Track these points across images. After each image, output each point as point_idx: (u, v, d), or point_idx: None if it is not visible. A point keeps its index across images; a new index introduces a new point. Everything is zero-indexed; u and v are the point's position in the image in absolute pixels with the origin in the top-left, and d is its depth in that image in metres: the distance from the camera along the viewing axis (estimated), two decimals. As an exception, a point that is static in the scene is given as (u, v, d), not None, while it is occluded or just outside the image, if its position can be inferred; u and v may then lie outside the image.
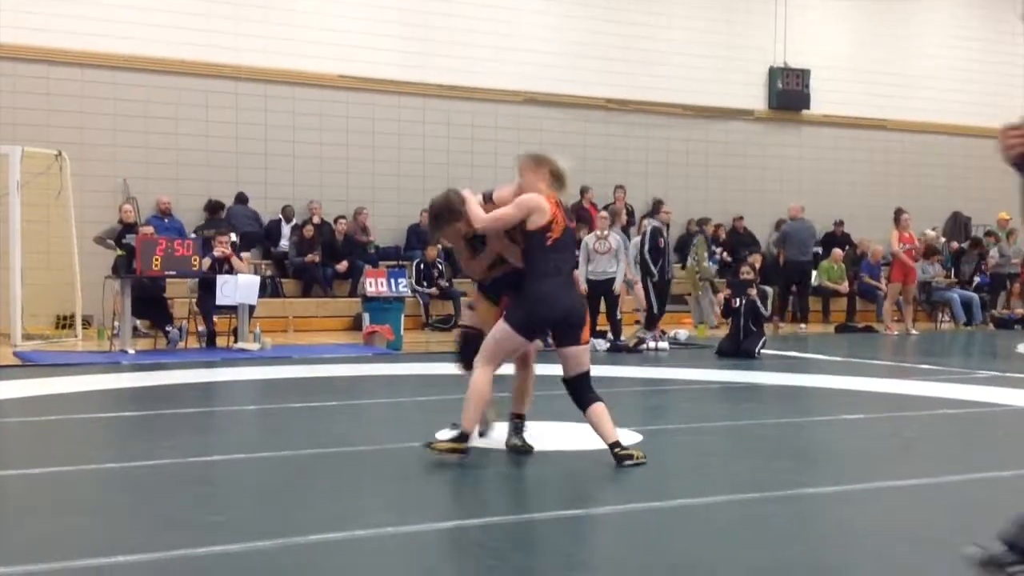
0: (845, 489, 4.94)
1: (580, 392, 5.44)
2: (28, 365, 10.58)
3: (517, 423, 5.78)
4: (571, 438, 6.07)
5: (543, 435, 5.98)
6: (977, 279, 18.91)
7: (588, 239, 12.72)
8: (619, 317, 12.89)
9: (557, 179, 5.47)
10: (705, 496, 4.75)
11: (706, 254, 16.19)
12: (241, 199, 15.99)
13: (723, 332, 12.99)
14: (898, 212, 16.65)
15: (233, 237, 13.99)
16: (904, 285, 16.30)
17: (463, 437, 5.34)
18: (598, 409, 5.40)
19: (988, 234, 19.95)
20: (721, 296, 13.42)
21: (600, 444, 5.49)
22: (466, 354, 5.74)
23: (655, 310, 13.04)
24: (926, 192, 20.67)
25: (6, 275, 12.76)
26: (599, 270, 12.51)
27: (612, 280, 12.55)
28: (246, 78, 16.06)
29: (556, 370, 5.57)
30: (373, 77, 16.86)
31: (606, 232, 12.68)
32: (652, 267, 12.95)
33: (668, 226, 13.79)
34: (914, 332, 16.15)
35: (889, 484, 5.06)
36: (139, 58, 15.43)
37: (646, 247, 12.98)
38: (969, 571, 3.35)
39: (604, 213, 13.49)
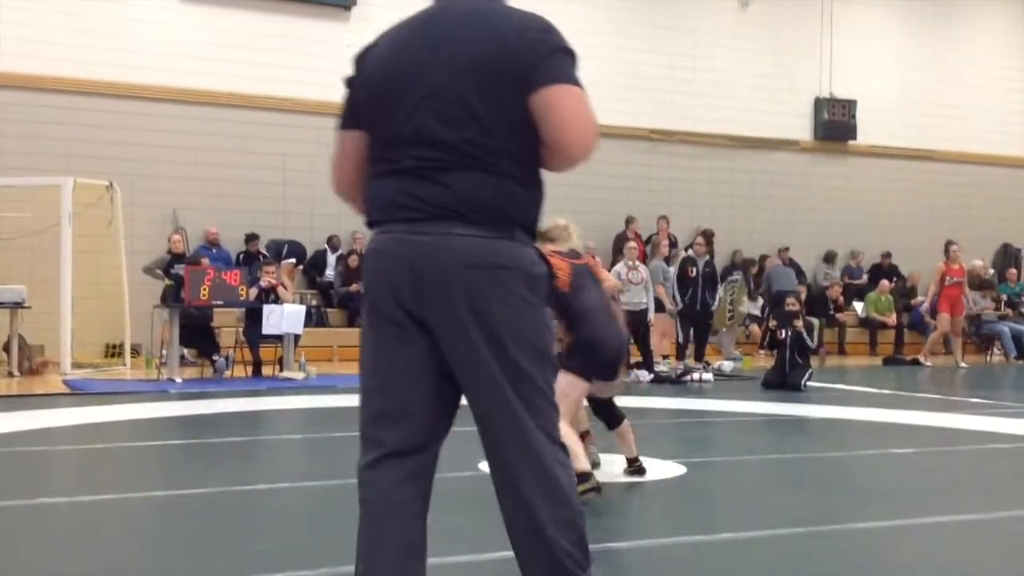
0: (894, 524, 4.88)
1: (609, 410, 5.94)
2: (77, 393, 10.72)
3: None
4: (616, 468, 6.05)
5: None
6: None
7: (619, 268, 12.75)
8: (651, 348, 12.96)
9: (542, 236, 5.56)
10: (749, 530, 4.71)
11: (745, 297, 15.97)
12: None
13: (769, 364, 12.90)
14: (948, 244, 16.46)
15: (293, 260, 14.14)
16: (952, 317, 16.10)
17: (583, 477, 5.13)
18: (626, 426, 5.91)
19: None
20: (764, 327, 13.36)
21: (635, 477, 5.50)
22: None
23: (680, 340, 13.20)
24: (975, 224, 20.43)
25: (57, 304, 12.95)
26: (634, 300, 12.53)
27: (646, 311, 12.62)
28: (294, 110, 16.24)
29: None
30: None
31: (635, 262, 12.76)
32: (678, 297, 13.13)
33: (707, 257, 13.69)
34: (963, 365, 15.94)
35: (939, 519, 4.99)
36: (188, 90, 15.67)
37: (672, 278, 13.21)
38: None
39: (632, 244, 13.62)
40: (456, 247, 2.60)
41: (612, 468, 6.06)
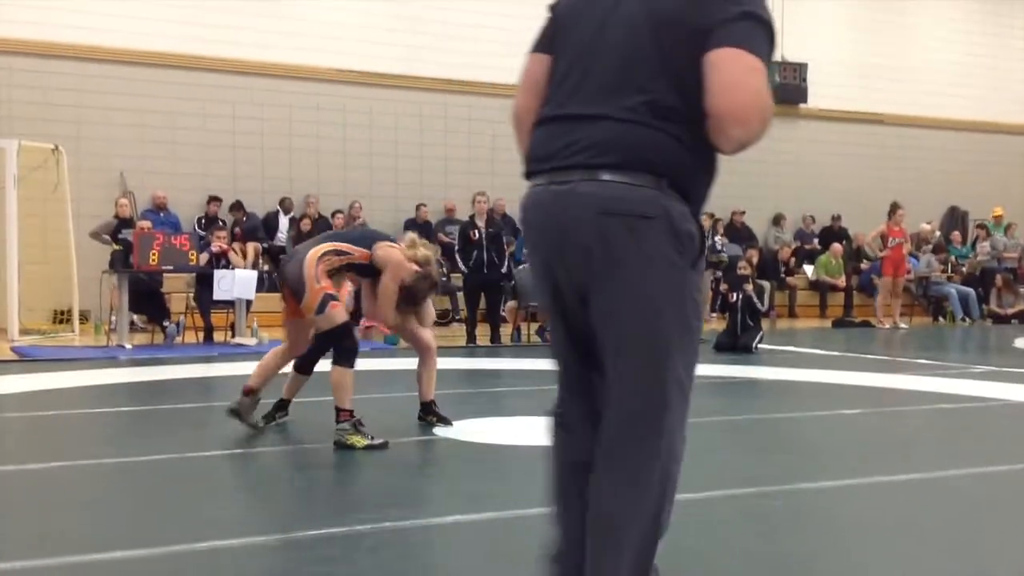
0: (842, 484, 4.95)
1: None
2: (25, 360, 10.58)
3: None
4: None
5: (533, 428, 5.98)
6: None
7: None
8: None
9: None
10: (703, 491, 4.75)
11: None
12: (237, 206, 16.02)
13: (720, 327, 13.00)
14: (894, 206, 16.66)
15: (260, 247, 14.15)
16: (894, 279, 16.41)
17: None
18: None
19: (979, 226, 20.02)
20: (715, 290, 13.45)
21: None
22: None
23: None
24: (923, 186, 20.68)
25: (2, 270, 12.74)
26: None
27: None
28: (243, 72, 16.04)
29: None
30: (370, 71, 16.85)
31: None
32: None
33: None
34: (903, 326, 16.20)
35: (886, 479, 5.07)
36: (136, 52, 15.42)
37: None
38: (970, 566, 3.35)
39: None
40: (593, 191, 2.44)
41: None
